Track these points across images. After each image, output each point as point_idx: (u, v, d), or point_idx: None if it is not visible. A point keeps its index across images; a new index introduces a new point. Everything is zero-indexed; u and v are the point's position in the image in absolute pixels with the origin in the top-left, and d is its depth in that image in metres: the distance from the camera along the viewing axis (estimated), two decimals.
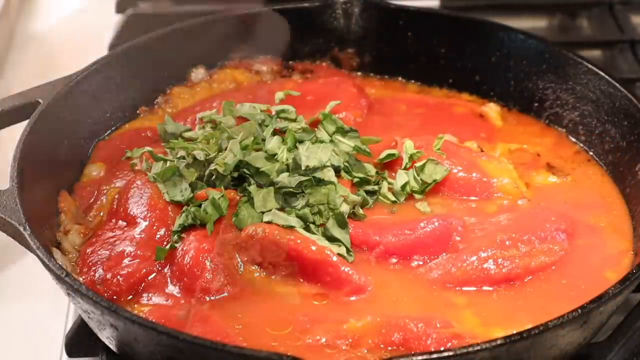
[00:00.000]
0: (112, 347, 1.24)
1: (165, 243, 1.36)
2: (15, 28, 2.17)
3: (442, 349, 1.20)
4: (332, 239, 1.36)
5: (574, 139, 1.64)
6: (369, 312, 1.27)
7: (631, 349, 1.27)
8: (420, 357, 1.10)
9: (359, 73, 1.81)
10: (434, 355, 1.11)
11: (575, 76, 1.64)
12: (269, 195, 1.37)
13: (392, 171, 1.51)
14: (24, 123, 1.45)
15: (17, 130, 1.46)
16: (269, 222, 1.35)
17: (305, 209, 1.37)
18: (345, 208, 1.39)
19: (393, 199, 1.47)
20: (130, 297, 1.31)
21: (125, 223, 1.41)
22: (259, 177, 1.41)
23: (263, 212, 1.36)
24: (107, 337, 1.22)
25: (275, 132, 1.51)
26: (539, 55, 1.68)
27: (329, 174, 1.42)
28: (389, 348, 1.23)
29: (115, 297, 1.29)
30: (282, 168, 1.42)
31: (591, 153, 1.61)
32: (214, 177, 1.42)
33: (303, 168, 1.42)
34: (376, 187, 1.47)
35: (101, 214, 1.45)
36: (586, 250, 1.39)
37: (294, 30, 1.78)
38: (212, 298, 1.27)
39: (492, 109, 1.69)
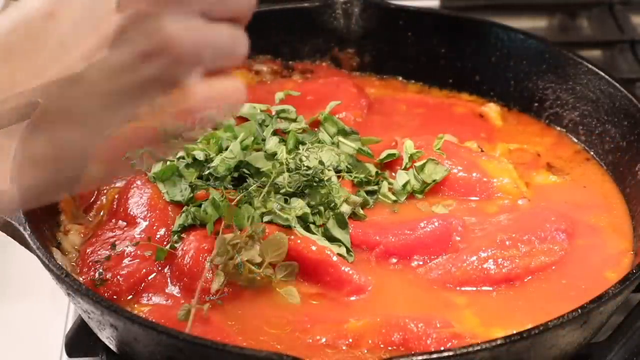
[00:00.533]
0: (112, 347, 1.24)
1: (165, 243, 1.36)
2: None
3: (442, 348, 1.20)
4: (332, 239, 1.36)
5: (574, 139, 1.64)
6: (369, 312, 1.27)
7: (631, 349, 1.27)
8: (420, 357, 1.10)
9: (359, 73, 1.81)
10: (434, 355, 1.11)
11: (575, 76, 1.64)
12: (269, 196, 1.37)
13: (393, 171, 1.51)
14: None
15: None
16: (269, 222, 1.35)
17: (306, 209, 1.37)
18: (346, 208, 1.39)
19: (394, 198, 1.47)
20: (130, 297, 1.31)
21: (125, 223, 1.41)
22: (259, 177, 1.41)
23: (263, 212, 1.36)
24: (107, 337, 1.22)
25: (275, 133, 1.51)
26: (539, 55, 1.68)
27: (329, 175, 1.42)
28: (389, 348, 1.23)
29: (115, 297, 1.29)
30: (282, 168, 1.42)
31: (591, 153, 1.61)
32: (214, 177, 1.42)
33: (303, 168, 1.42)
34: (376, 187, 1.47)
35: (101, 213, 1.45)
36: (586, 250, 1.39)
37: (294, 30, 1.78)
38: (212, 298, 1.27)
39: (492, 109, 1.69)
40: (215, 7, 0.89)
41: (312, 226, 1.36)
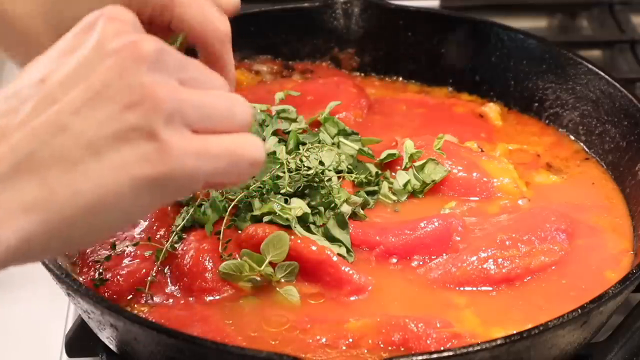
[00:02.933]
0: (112, 347, 1.24)
1: (165, 243, 1.36)
2: None
3: (442, 348, 1.20)
4: (332, 239, 1.36)
5: (574, 139, 1.64)
6: (369, 312, 1.27)
7: (631, 349, 1.27)
8: (420, 357, 1.10)
9: (359, 73, 1.81)
10: (434, 355, 1.11)
11: (575, 76, 1.64)
12: (269, 196, 1.37)
13: (393, 171, 1.51)
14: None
15: None
16: (269, 222, 1.35)
17: (306, 209, 1.36)
18: (346, 209, 1.39)
19: (394, 198, 1.46)
20: (130, 297, 1.30)
21: None
22: (260, 178, 1.41)
23: (263, 213, 1.36)
24: (107, 337, 1.22)
25: (275, 133, 1.51)
26: (539, 55, 1.68)
27: (329, 175, 1.42)
28: (389, 348, 1.23)
29: (115, 297, 1.29)
30: (283, 169, 1.42)
31: (591, 153, 1.61)
32: None
33: (304, 169, 1.42)
34: (376, 188, 1.47)
35: None
36: (586, 250, 1.39)
37: (294, 30, 1.78)
38: (212, 298, 1.27)
39: (492, 109, 1.69)
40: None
41: (312, 226, 1.36)
